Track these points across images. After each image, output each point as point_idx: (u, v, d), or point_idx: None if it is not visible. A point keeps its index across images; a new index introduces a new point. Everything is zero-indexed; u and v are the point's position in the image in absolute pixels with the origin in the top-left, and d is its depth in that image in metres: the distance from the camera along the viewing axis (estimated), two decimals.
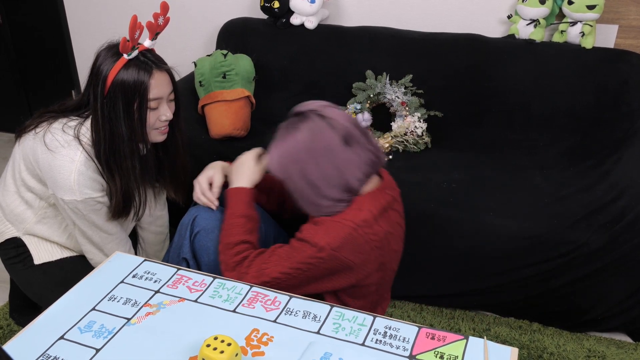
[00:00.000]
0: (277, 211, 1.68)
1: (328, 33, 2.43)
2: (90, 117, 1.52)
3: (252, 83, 2.32)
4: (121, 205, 1.58)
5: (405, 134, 2.19)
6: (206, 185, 1.55)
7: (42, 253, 1.69)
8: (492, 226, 1.79)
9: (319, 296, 1.38)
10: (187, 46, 2.80)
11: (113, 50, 1.47)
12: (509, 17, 2.27)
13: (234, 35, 2.53)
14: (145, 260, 1.42)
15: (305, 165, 1.31)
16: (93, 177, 1.53)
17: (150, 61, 1.48)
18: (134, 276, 1.36)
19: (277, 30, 2.46)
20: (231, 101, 2.20)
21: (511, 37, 2.25)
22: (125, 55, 1.45)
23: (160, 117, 1.53)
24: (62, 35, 3.03)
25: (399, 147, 2.17)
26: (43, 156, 1.53)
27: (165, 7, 1.50)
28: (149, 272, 1.38)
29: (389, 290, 1.55)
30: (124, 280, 1.35)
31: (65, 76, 3.18)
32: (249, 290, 1.31)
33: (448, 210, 1.83)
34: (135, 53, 1.46)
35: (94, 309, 1.26)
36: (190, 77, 2.42)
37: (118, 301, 1.28)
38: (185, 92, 2.37)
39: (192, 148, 2.13)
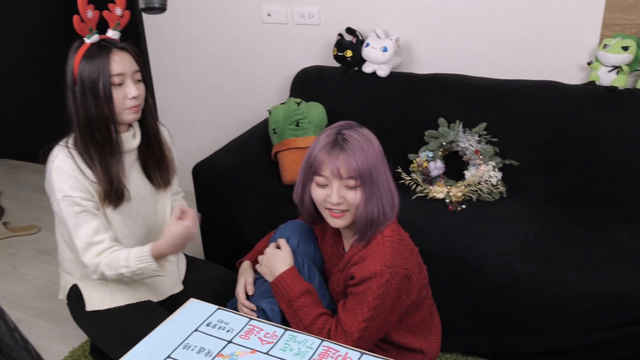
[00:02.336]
0: None
1: (400, 81, 2.44)
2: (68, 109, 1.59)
3: None
4: (109, 190, 1.60)
5: (479, 183, 2.15)
6: (243, 294, 1.58)
7: (93, 300, 1.72)
8: (574, 282, 1.70)
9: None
10: (261, 93, 2.89)
11: (76, 45, 1.58)
12: (589, 63, 2.21)
13: (307, 83, 2.59)
14: (218, 308, 1.45)
15: (386, 170, 1.41)
16: (72, 175, 1.57)
17: (109, 43, 1.58)
18: (207, 325, 1.38)
19: (350, 79, 2.50)
20: (304, 148, 2.23)
21: (591, 84, 2.19)
22: (85, 40, 1.56)
23: (127, 94, 1.58)
24: None
25: (473, 196, 2.13)
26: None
27: (121, 1, 1.62)
28: (222, 321, 1.40)
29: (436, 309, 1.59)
30: (198, 329, 1.37)
31: None
32: (319, 345, 1.30)
33: (524, 264, 1.77)
34: (95, 37, 1.57)
35: (169, 356, 1.29)
36: (265, 124, 2.48)
37: (192, 350, 1.30)
38: (260, 138, 2.43)
39: (264, 194, 2.19)
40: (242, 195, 2.18)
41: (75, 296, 1.77)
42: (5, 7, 3.39)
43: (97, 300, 1.73)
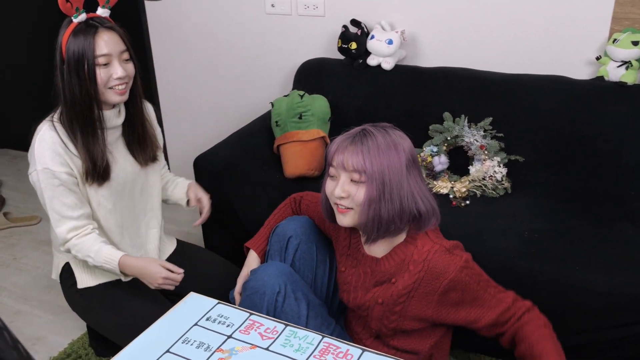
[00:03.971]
0: None
1: (405, 74, 2.41)
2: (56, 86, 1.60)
3: (327, 124, 2.32)
4: (92, 168, 1.61)
5: (483, 179, 2.12)
6: (240, 284, 1.59)
7: (83, 277, 1.76)
8: (580, 281, 1.67)
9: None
10: (265, 85, 2.86)
11: (65, 22, 1.57)
12: (598, 58, 2.17)
13: (310, 76, 2.56)
14: (219, 303, 1.43)
15: (411, 180, 1.34)
16: (54, 148, 1.58)
17: (97, 22, 1.57)
18: (207, 319, 1.37)
19: (354, 71, 2.47)
20: (307, 141, 2.21)
21: (600, 79, 2.15)
22: (73, 19, 1.55)
23: (112, 74, 1.57)
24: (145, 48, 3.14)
25: (477, 192, 2.10)
26: None
27: None
28: (222, 316, 1.38)
29: None
30: (198, 323, 1.36)
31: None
32: (320, 341, 1.28)
33: (530, 262, 1.74)
34: (82, 16, 1.56)
35: (168, 351, 1.27)
36: (267, 116, 2.45)
37: (191, 344, 1.29)
38: (262, 131, 2.40)
39: (266, 187, 2.17)
40: (244, 188, 2.16)
41: (66, 274, 1.80)
42: (8, 1, 3.37)
43: (87, 278, 1.76)
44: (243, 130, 2.41)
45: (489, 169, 2.12)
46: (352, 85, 2.46)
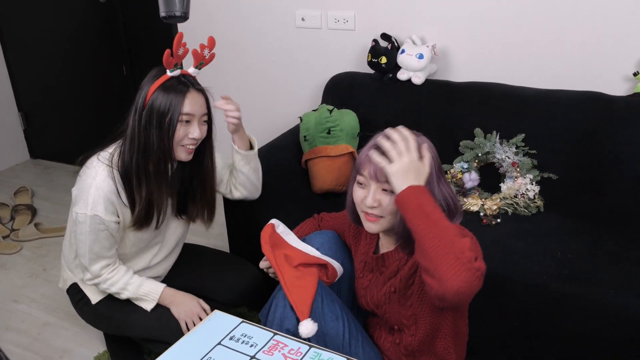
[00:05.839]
0: None
1: (436, 89, 2.38)
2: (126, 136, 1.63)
3: (356, 139, 2.30)
4: (143, 213, 1.66)
5: (515, 197, 2.07)
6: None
7: (95, 294, 1.83)
8: (614, 305, 1.61)
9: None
10: (293, 99, 2.86)
11: (155, 73, 1.61)
12: (635, 74, 2.11)
13: (340, 90, 2.54)
14: (243, 321, 1.41)
15: (437, 186, 1.36)
16: (109, 198, 1.62)
17: (188, 81, 1.62)
18: (231, 338, 1.35)
19: (384, 86, 2.45)
20: (335, 157, 2.19)
21: (637, 95, 2.09)
22: (168, 72, 1.59)
23: (189, 134, 1.62)
24: None
25: (508, 209, 2.05)
26: (75, 185, 1.67)
27: (211, 42, 1.66)
28: (245, 335, 1.36)
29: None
30: (221, 342, 1.34)
31: None
32: None
33: (562, 284, 1.68)
34: (177, 72, 1.60)
35: None
36: (296, 131, 2.44)
37: None
38: (290, 145, 2.39)
39: (293, 202, 2.15)
40: (272, 203, 2.15)
41: (74, 290, 1.87)
42: (46, 14, 3.44)
43: (97, 293, 1.83)
44: (271, 144, 2.41)
45: (521, 186, 2.06)
46: (382, 100, 2.44)
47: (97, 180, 1.61)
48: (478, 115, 2.25)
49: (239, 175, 1.91)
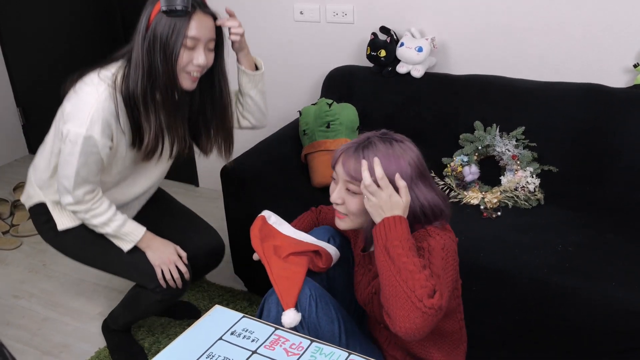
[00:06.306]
0: None
1: (435, 82, 2.37)
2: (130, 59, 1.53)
3: (356, 132, 2.29)
4: (153, 142, 1.59)
5: (515, 190, 2.07)
6: None
7: (64, 219, 1.75)
8: (615, 297, 1.61)
9: None
10: (293, 93, 2.85)
11: None
12: (635, 66, 2.10)
13: (339, 83, 2.53)
14: (244, 316, 1.41)
15: (417, 191, 1.32)
16: (108, 121, 1.52)
17: (196, 2, 1.49)
18: (232, 333, 1.35)
19: (383, 79, 2.44)
20: (334, 151, 2.18)
21: (637, 87, 2.08)
22: None
23: (193, 59, 1.52)
24: None
25: (509, 203, 2.05)
26: (67, 100, 1.57)
27: None
28: (247, 330, 1.36)
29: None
30: (223, 337, 1.34)
31: None
32: (347, 358, 1.25)
33: (563, 277, 1.68)
34: None
35: None
36: (295, 125, 2.44)
37: (216, 359, 1.27)
38: (290, 139, 2.39)
39: (293, 196, 2.15)
40: (271, 197, 2.14)
41: (40, 210, 1.78)
42: (44, 9, 3.42)
43: (67, 220, 1.76)
44: (271, 138, 2.40)
45: (521, 179, 2.06)
46: (381, 93, 2.43)
47: (100, 101, 1.51)
48: (478, 108, 2.25)
49: (246, 101, 1.81)
